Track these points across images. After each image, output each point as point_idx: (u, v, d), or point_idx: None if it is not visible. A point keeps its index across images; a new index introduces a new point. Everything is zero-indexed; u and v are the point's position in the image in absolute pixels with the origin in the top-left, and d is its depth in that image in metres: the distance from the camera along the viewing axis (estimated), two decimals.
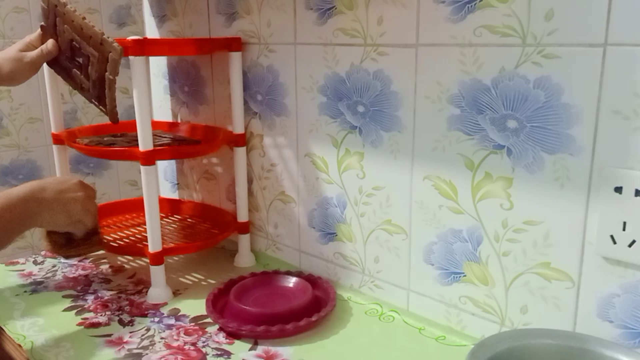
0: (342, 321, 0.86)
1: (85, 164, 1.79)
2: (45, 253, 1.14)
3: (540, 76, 0.66)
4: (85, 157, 1.70)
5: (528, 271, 0.72)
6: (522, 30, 0.67)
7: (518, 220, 0.72)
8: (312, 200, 0.98)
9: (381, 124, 0.84)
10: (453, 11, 0.73)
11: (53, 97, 1.05)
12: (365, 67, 0.85)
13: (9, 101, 1.62)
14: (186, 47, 1.02)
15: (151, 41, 0.99)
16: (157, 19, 1.23)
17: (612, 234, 0.64)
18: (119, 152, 0.97)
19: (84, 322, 0.86)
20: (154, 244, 0.93)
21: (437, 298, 0.83)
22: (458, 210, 0.78)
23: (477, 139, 0.74)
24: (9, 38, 1.60)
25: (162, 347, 0.79)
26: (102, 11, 1.77)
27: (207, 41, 1.05)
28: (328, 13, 0.88)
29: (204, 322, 0.86)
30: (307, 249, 1.02)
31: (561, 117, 0.66)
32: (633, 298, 0.64)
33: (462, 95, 0.74)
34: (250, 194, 1.10)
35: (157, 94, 1.28)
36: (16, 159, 1.64)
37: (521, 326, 0.74)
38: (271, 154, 1.04)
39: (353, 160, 0.90)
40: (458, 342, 0.80)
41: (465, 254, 0.78)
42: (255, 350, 0.78)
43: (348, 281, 0.96)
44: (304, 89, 0.95)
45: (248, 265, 1.08)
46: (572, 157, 0.66)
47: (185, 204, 1.24)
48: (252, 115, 1.06)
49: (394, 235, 0.87)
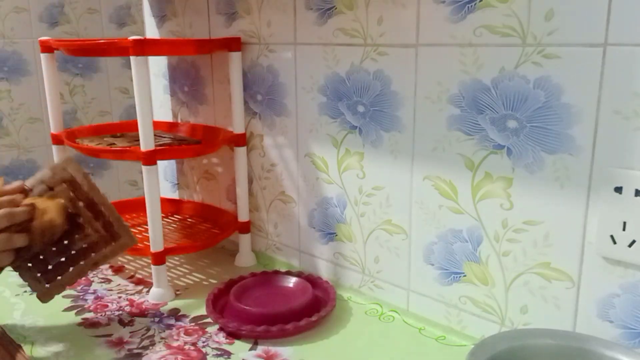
0: (342, 321, 0.86)
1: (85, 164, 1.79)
2: None
3: (540, 76, 0.66)
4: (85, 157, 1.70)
5: (528, 271, 0.72)
6: (522, 30, 0.67)
7: (518, 220, 0.72)
8: (312, 200, 0.98)
9: (381, 124, 0.84)
10: (453, 11, 0.73)
11: (53, 97, 1.05)
12: (365, 67, 0.85)
13: (9, 101, 1.62)
14: (186, 47, 1.01)
15: (151, 41, 0.99)
16: (157, 19, 1.23)
17: (612, 234, 0.64)
18: (120, 152, 0.97)
19: (84, 322, 0.86)
20: (156, 243, 0.93)
21: (437, 298, 0.83)
22: (458, 210, 0.78)
23: (477, 139, 0.74)
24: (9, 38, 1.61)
25: (162, 347, 0.79)
26: (102, 11, 1.77)
27: (207, 41, 1.05)
28: (328, 13, 0.88)
29: (204, 322, 0.86)
30: (307, 249, 1.02)
31: (561, 117, 0.66)
32: (633, 298, 0.64)
33: (462, 95, 0.74)
34: (250, 194, 1.10)
35: (157, 94, 1.28)
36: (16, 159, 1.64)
37: (521, 326, 0.74)
38: (271, 154, 1.04)
39: (353, 160, 0.90)
40: (458, 342, 0.80)
41: (465, 254, 0.78)
42: (255, 350, 0.78)
43: (348, 281, 0.96)
44: (304, 89, 0.95)
45: (249, 264, 1.08)
46: (572, 157, 0.66)
47: (185, 204, 1.24)
48: (252, 115, 1.06)
49: (394, 235, 0.87)
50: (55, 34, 1.67)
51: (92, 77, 1.78)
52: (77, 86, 1.74)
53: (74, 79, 1.73)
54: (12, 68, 1.61)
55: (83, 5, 1.73)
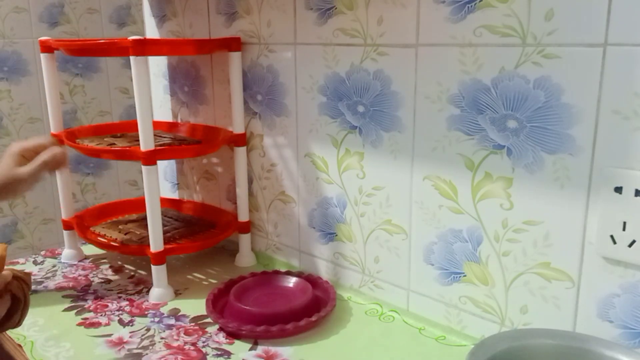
0: (342, 321, 0.86)
1: (85, 164, 1.79)
2: (45, 253, 1.14)
3: (540, 76, 0.66)
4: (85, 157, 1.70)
5: (528, 271, 0.72)
6: (522, 30, 0.67)
7: (518, 220, 0.72)
8: (312, 200, 0.98)
9: (381, 124, 0.84)
10: (453, 11, 0.73)
11: (53, 97, 1.05)
12: (365, 67, 0.85)
13: (9, 101, 1.62)
14: (186, 47, 1.01)
15: (151, 41, 0.99)
16: (157, 19, 1.23)
17: (612, 234, 0.64)
18: (120, 152, 0.97)
19: (84, 322, 0.86)
20: (156, 243, 0.93)
21: (437, 298, 0.83)
22: (458, 210, 0.78)
23: (477, 139, 0.74)
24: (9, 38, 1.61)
25: (162, 347, 0.79)
26: (102, 11, 1.77)
27: (207, 41, 1.05)
28: (328, 13, 0.88)
29: (204, 322, 0.86)
30: (307, 249, 1.02)
31: (561, 117, 0.66)
32: (633, 298, 0.64)
33: (462, 95, 0.74)
34: (250, 194, 1.10)
35: (157, 94, 1.28)
36: None
37: (521, 326, 0.74)
38: (271, 154, 1.04)
39: (353, 160, 0.90)
40: (458, 342, 0.80)
41: (465, 254, 0.78)
42: (255, 350, 0.78)
43: (348, 281, 0.96)
44: (304, 89, 0.95)
45: (249, 264, 1.08)
46: (572, 157, 0.66)
47: (185, 203, 1.23)
48: (252, 115, 1.06)
49: (394, 235, 0.87)
50: (55, 34, 1.67)
51: (92, 77, 1.78)
52: (77, 86, 1.74)
53: (74, 79, 1.73)
54: (12, 68, 1.62)
55: (83, 5, 1.73)
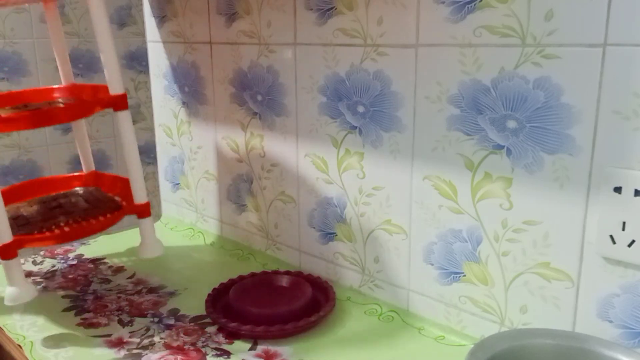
0: (341, 321, 0.86)
1: None
2: (45, 253, 1.14)
3: (539, 76, 0.66)
4: None
5: (527, 271, 0.72)
6: (521, 31, 0.67)
7: (518, 220, 0.72)
8: (312, 200, 0.98)
9: (381, 124, 0.84)
10: (453, 11, 0.73)
11: None
12: (365, 67, 0.85)
13: None
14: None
15: None
16: (158, 19, 1.23)
17: (612, 234, 0.64)
18: None
19: (84, 322, 0.86)
20: (1, 235, 0.77)
21: (436, 298, 0.83)
22: (458, 210, 0.78)
23: (476, 139, 0.74)
24: (9, 38, 1.61)
25: (161, 347, 0.79)
26: None
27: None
28: (328, 13, 0.88)
29: (203, 322, 0.86)
30: (307, 249, 1.02)
31: (561, 117, 0.66)
32: (633, 298, 0.64)
33: (462, 95, 0.74)
34: (251, 194, 1.10)
35: (157, 94, 1.28)
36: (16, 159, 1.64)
37: (521, 326, 0.74)
38: (271, 154, 1.04)
39: (353, 161, 0.90)
40: (458, 342, 0.80)
41: (465, 254, 0.78)
42: (254, 350, 0.78)
43: (348, 281, 0.96)
44: (304, 89, 0.95)
45: (155, 255, 0.93)
46: (572, 157, 0.66)
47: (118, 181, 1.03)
48: (252, 116, 1.06)
49: (394, 235, 0.87)
50: None
51: (93, 78, 1.78)
52: None
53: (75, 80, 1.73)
54: (12, 68, 1.62)
55: (83, 5, 1.73)
